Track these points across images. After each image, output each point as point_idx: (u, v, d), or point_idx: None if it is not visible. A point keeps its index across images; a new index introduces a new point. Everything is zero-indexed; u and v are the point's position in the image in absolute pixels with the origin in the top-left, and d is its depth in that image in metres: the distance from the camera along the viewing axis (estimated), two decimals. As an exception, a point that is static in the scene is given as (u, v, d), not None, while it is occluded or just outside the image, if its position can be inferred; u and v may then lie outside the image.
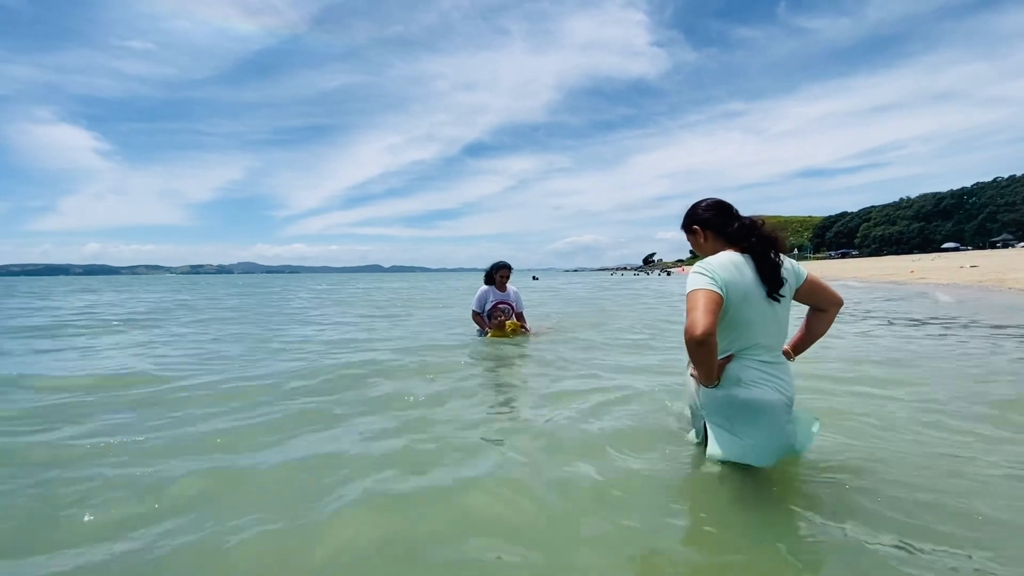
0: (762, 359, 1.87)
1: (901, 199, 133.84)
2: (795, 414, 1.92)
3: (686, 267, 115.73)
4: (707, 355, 1.74)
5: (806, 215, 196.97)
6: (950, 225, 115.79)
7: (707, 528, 1.63)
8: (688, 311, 1.75)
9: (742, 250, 1.91)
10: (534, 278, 47.29)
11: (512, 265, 5.70)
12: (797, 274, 1.97)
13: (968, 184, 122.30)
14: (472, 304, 5.68)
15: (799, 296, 2.00)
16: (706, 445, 1.94)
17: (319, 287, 29.80)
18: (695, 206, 2.10)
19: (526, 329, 5.65)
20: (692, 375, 2.00)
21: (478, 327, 5.64)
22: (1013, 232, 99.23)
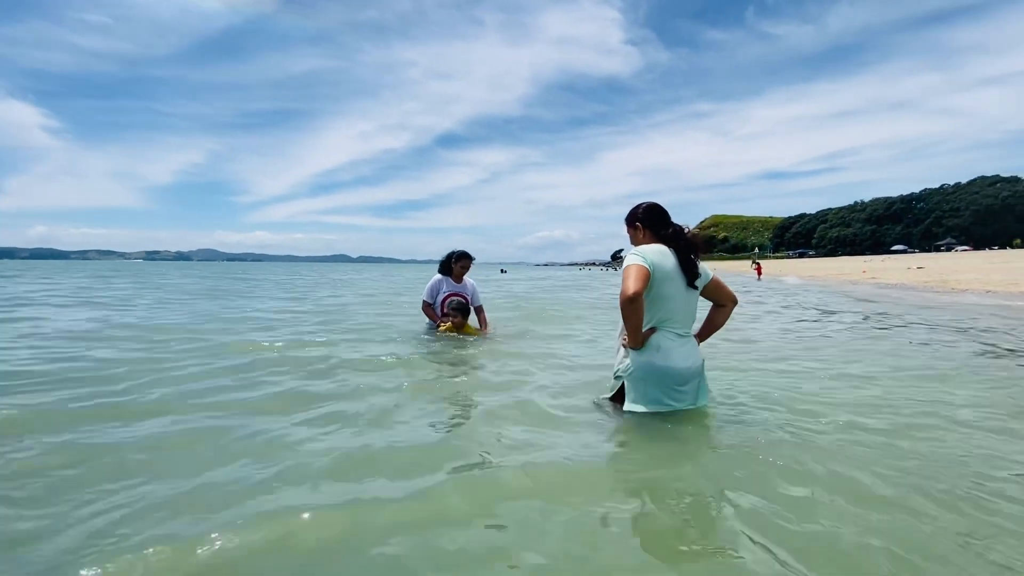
0: (677, 332, 2.37)
1: (855, 202, 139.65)
2: (703, 378, 2.45)
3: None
4: (636, 312, 2.23)
5: (768, 215, 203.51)
6: (899, 228, 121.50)
7: (622, 451, 2.17)
8: (623, 279, 2.23)
9: (670, 247, 2.41)
10: (502, 271, 47.16)
11: (476, 257, 5.11)
12: (706, 274, 2.47)
13: (917, 190, 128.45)
14: (423, 294, 5.09)
15: (705, 292, 2.49)
16: (616, 398, 2.51)
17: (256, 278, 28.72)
18: (638, 207, 2.56)
19: (483, 330, 5.07)
20: (623, 343, 2.41)
21: (428, 319, 5.08)
22: (956, 236, 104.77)
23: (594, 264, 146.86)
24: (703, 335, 2.59)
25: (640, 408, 2.33)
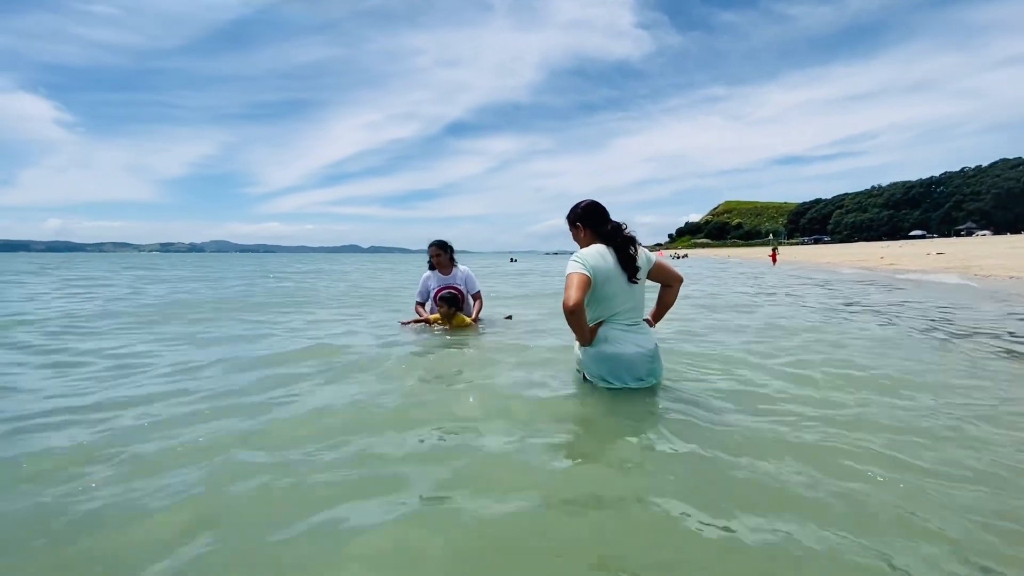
0: (624, 323, 2.54)
1: (873, 187, 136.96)
2: (656, 359, 2.58)
3: (663, 251, 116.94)
4: (578, 320, 2.41)
5: (782, 201, 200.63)
6: (918, 213, 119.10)
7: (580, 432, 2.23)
8: (565, 289, 2.40)
9: (609, 244, 2.55)
10: (512, 260, 47.06)
11: (452, 244, 4.91)
12: (648, 260, 2.62)
13: (936, 174, 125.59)
14: (415, 295, 4.95)
15: (651, 275, 2.65)
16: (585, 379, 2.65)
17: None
18: (577, 206, 2.71)
19: (474, 321, 4.80)
20: (577, 341, 2.64)
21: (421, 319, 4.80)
22: (976, 221, 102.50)
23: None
24: (657, 316, 2.80)
25: (597, 383, 2.56)
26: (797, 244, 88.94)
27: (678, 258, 59.15)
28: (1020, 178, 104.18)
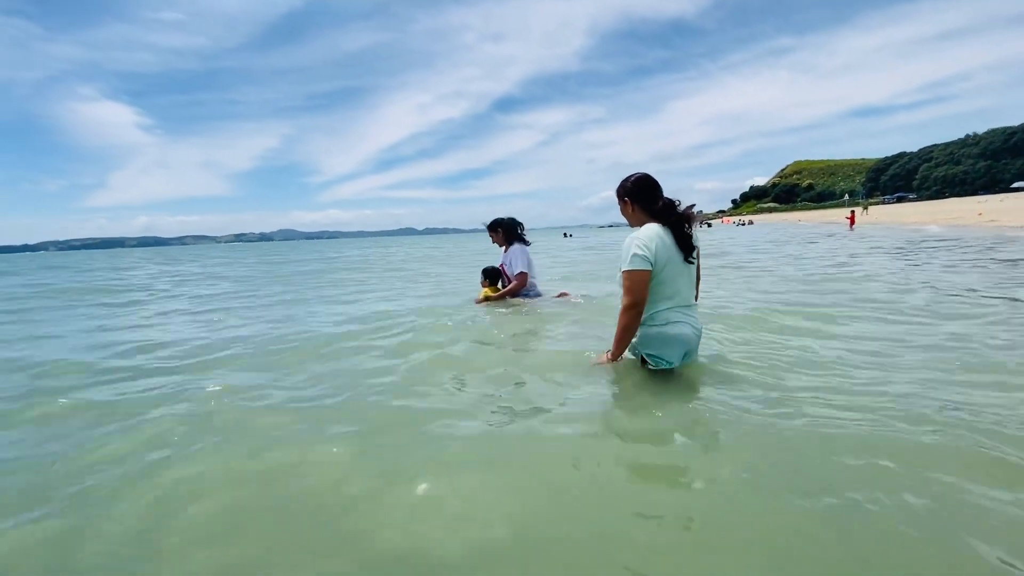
0: (682, 305, 2.53)
1: (967, 136, 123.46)
2: (699, 339, 2.64)
3: (727, 217, 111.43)
4: (634, 320, 2.48)
5: (859, 158, 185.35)
6: (1021, 163, 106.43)
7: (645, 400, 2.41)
8: (627, 287, 2.43)
9: (663, 223, 2.49)
10: (566, 235, 46.60)
11: (503, 221, 5.00)
12: (697, 240, 2.58)
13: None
14: None
15: None
16: (643, 363, 2.62)
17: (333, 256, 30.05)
18: (627, 179, 2.61)
19: (499, 297, 4.90)
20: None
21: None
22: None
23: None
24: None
25: (656, 365, 2.55)
26: (878, 203, 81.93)
27: (743, 224, 56.28)
28: None
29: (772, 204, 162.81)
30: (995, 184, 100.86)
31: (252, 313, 5.67)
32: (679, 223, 2.47)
